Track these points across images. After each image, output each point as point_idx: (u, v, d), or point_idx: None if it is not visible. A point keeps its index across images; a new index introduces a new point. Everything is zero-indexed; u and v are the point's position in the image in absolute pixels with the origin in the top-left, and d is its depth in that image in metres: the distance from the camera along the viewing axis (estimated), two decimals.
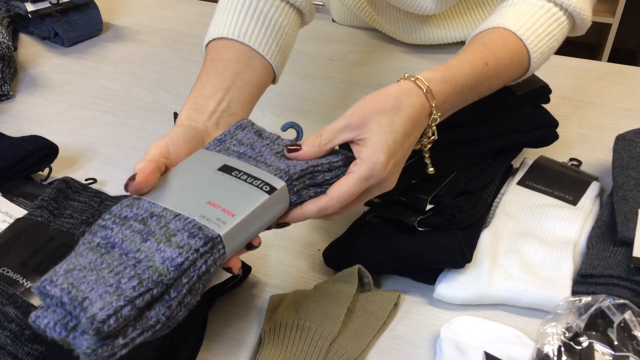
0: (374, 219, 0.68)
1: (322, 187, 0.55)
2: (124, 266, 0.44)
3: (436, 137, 0.60)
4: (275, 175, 0.52)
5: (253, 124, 0.60)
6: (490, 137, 0.70)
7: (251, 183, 0.51)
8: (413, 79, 0.57)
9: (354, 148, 0.55)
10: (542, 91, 0.76)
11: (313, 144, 0.55)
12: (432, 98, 0.57)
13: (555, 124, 0.77)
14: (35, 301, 0.57)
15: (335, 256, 0.67)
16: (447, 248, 0.62)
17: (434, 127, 0.59)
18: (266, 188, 0.51)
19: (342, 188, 0.53)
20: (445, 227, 0.64)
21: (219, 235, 0.47)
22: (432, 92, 0.57)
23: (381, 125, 0.54)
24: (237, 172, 0.52)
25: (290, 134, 0.60)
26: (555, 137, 0.78)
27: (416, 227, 0.63)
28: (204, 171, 0.53)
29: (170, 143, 0.55)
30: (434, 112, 0.57)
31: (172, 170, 0.53)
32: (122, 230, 0.47)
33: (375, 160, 0.53)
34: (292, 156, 0.55)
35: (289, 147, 0.55)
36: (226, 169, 0.53)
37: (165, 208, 0.49)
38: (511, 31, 0.65)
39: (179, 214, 0.48)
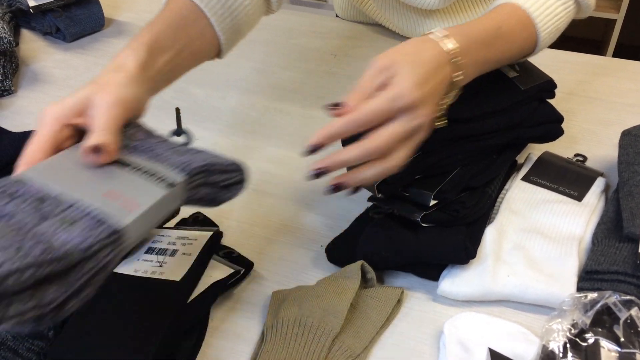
0: (377, 214, 0.67)
1: (214, 187, 0.54)
2: (22, 235, 0.41)
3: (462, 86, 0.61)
4: (174, 170, 0.51)
5: (142, 124, 0.57)
6: (495, 132, 0.69)
7: (150, 177, 0.50)
8: (427, 34, 0.58)
9: (387, 87, 0.54)
10: (547, 86, 0.75)
11: (355, 98, 0.55)
12: (454, 43, 0.58)
13: (560, 119, 0.77)
14: None
15: (338, 252, 0.67)
16: (451, 244, 0.62)
17: (460, 75, 0.59)
18: (166, 182, 0.50)
19: (370, 104, 0.53)
20: (449, 223, 0.63)
21: (123, 227, 0.45)
22: (450, 38, 0.58)
23: (407, 61, 0.55)
24: (134, 167, 0.51)
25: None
26: (560, 132, 0.77)
27: (419, 222, 0.63)
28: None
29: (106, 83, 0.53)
30: (456, 57, 0.58)
31: (58, 156, 0.50)
32: (14, 202, 0.43)
33: (403, 84, 0.53)
34: (336, 113, 0.54)
35: (331, 106, 0.55)
36: (120, 163, 0.50)
37: (61, 193, 0.45)
38: (521, 7, 0.67)
39: (79, 199, 0.45)
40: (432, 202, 0.63)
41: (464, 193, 0.65)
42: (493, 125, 0.69)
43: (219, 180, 0.54)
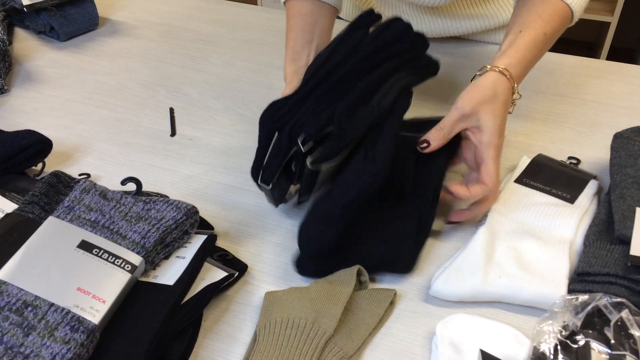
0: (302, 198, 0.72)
1: (169, 246, 0.61)
2: (13, 355, 0.47)
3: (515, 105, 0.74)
4: (133, 250, 0.58)
5: (95, 184, 0.64)
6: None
7: (113, 262, 0.57)
8: (497, 70, 0.69)
9: (471, 135, 0.68)
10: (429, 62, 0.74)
11: (437, 137, 0.68)
12: (514, 80, 0.70)
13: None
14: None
15: (306, 265, 0.66)
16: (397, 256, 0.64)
17: (515, 99, 0.72)
18: (127, 267, 0.57)
19: (491, 172, 0.66)
20: (336, 149, 0.64)
21: (96, 325, 0.52)
22: (512, 76, 0.69)
23: (487, 112, 0.67)
24: (98, 250, 0.57)
25: (130, 187, 0.68)
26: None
27: (312, 168, 0.64)
28: (63, 248, 0.57)
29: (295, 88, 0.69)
30: (516, 91, 0.71)
31: (30, 246, 0.57)
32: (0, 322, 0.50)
33: (496, 143, 0.67)
34: (425, 151, 0.68)
35: (420, 145, 0.68)
36: (86, 246, 0.57)
37: (36, 296, 0.52)
38: (562, 1, 0.74)
39: (53, 303, 0.52)
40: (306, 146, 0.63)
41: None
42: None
43: (175, 236, 0.62)
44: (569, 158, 0.81)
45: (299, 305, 0.59)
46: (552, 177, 0.75)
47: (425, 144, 0.68)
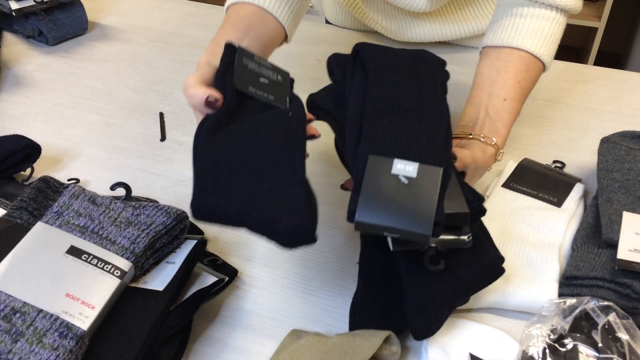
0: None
1: (159, 251, 0.61)
2: None
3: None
4: (123, 256, 0.58)
5: (84, 190, 0.64)
6: None
7: (102, 268, 0.57)
8: (491, 144, 0.71)
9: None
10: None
11: None
12: (499, 148, 0.72)
13: None
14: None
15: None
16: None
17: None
18: (117, 273, 0.57)
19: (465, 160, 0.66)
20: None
21: (85, 331, 0.52)
22: (499, 147, 0.72)
23: (476, 172, 0.70)
24: (87, 256, 0.57)
25: (120, 192, 0.67)
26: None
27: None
28: (52, 254, 0.57)
29: (204, 74, 0.64)
30: (499, 156, 0.73)
31: (18, 252, 0.57)
32: None
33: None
34: None
35: None
36: (75, 252, 0.57)
37: (25, 303, 0.52)
38: (531, 54, 0.76)
39: (42, 310, 0.52)
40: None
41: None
42: None
43: (165, 241, 0.61)
44: (554, 162, 0.82)
45: (308, 355, 0.55)
46: (539, 181, 0.76)
47: None
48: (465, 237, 0.55)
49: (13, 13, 1.07)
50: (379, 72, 0.59)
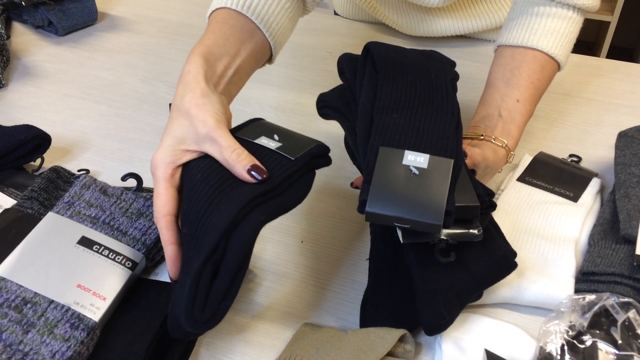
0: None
1: None
2: (8, 357, 0.46)
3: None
4: (134, 247, 0.58)
5: (95, 180, 0.63)
6: None
7: (114, 259, 0.56)
8: (503, 145, 0.70)
9: None
10: (319, 150, 0.59)
11: None
12: (511, 150, 0.72)
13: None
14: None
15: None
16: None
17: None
18: (128, 264, 0.56)
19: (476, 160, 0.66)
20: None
21: (96, 323, 0.52)
22: (510, 149, 0.71)
23: (487, 171, 0.68)
24: (98, 247, 0.56)
25: (131, 183, 0.66)
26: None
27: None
28: (63, 244, 0.56)
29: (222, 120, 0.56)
30: (510, 158, 0.72)
31: (29, 242, 0.56)
32: None
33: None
34: None
35: None
36: (86, 243, 0.57)
37: (36, 293, 0.51)
38: (546, 54, 0.75)
39: (53, 300, 0.51)
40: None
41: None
42: None
43: None
44: (570, 156, 0.81)
45: (323, 350, 0.54)
46: (554, 175, 0.75)
47: None
48: (475, 231, 0.54)
49: (23, 3, 1.06)
50: (390, 69, 0.60)
